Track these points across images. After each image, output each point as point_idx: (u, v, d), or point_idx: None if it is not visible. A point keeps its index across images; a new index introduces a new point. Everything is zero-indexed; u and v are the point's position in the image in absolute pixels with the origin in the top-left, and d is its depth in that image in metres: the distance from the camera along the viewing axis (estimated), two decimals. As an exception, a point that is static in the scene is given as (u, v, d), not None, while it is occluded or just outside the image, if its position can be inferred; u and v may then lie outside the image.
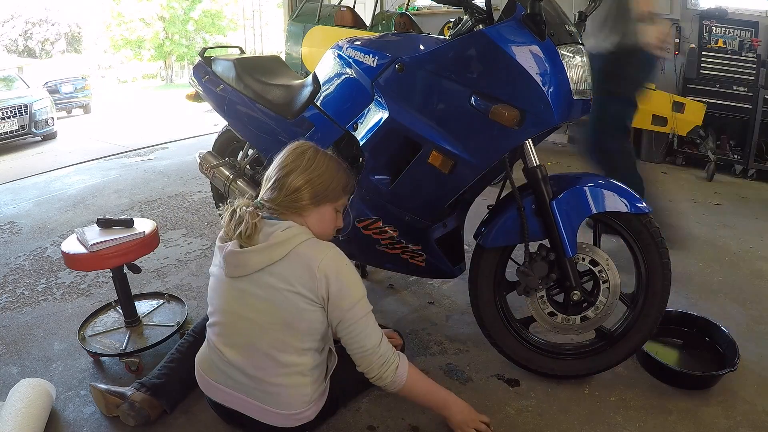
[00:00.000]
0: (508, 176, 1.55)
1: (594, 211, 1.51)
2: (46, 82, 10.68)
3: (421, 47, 1.54)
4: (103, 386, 1.49)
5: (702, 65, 4.39)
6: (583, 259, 1.56)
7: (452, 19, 1.68)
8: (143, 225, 1.83)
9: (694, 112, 3.91)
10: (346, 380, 1.43)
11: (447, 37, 1.54)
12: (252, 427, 1.34)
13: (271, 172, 1.31)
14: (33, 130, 6.70)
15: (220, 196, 2.58)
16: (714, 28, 4.44)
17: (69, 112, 11.26)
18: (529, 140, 1.47)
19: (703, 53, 4.39)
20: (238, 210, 1.24)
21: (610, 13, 2.35)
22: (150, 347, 1.76)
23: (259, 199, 1.31)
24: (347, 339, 1.27)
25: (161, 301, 2.05)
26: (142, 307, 1.99)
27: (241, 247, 1.22)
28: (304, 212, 1.29)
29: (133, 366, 1.69)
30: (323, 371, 1.35)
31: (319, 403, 1.34)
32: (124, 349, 1.73)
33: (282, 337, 1.23)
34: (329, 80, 1.82)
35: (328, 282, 1.20)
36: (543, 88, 1.35)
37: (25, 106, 6.62)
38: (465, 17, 1.51)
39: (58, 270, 2.53)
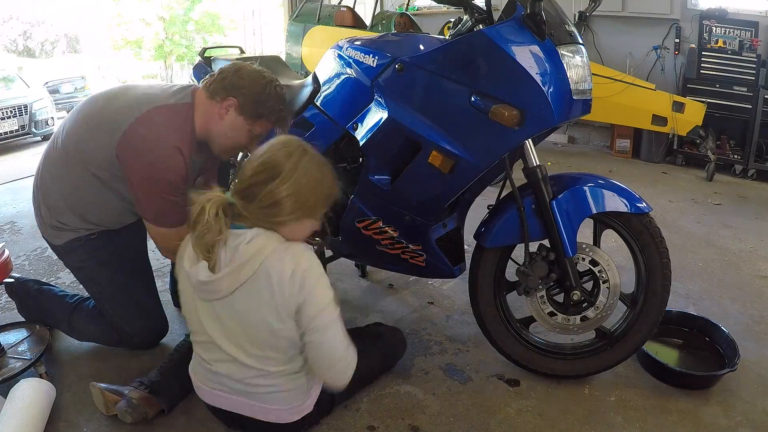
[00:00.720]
0: (508, 176, 1.55)
1: (594, 211, 1.51)
2: (46, 82, 10.65)
3: (421, 47, 1.54)
4: (102, 385, 1.49)
5: (702, 65, 4.39)
6: (583, 259, 1.56)
7: (452, 19, 1.68)
8: None
9: (694, 112, 3.91)
10: None
11: (447, 37, 1.54)
12: (254, 427, 1.34)
13: (247, 171, 1.16)
14: (33, 130, 6.69)
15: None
16: (714, 28, 4.44)
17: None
18: (529, 140, 1.48)
19: (703, 53, 4.39)
20: (206, 214, 1.12)
21: None
22: (5, 380, 1.59)
23: (230, 194, 1.17)
24: (315, 346, 1.18)
25: (30, 331, 1.83)
26: (11, 337, 1.80)
27: (210, 269, 1.14)
28: (279, 226, 1.17)
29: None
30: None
31: (316, 391, 1.34)
32: None
33: (266, 354, 1.21)
34: (329, 80, 1.82)
35: (296, 294, 1.13)
36: (543, 88, 1.35)
37: (25, 106, 6.60)
38: (465, 17, 1.51)
39: (58, 270, 2.53)
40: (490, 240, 1.58)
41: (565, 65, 1.38)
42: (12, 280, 1.82)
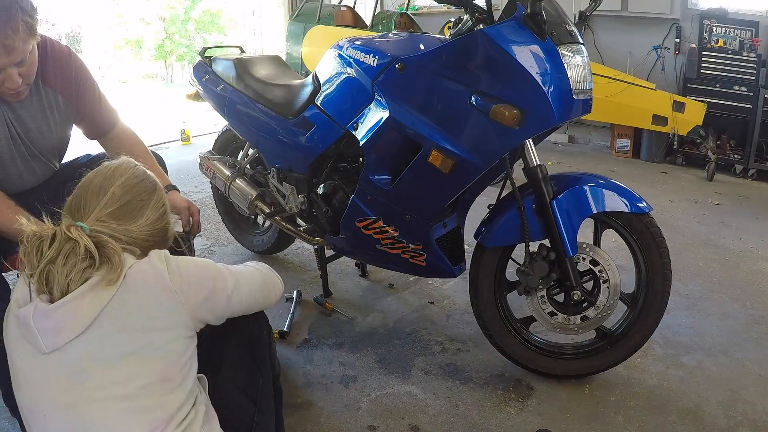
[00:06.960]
0: (509, 176, 1.55)
1: (594, 211, 1.51)
2: (46, 82, 10.64)
3: (422, 47, 1.54)
4: None
5: (702, 65, 4.38)
6: (584, 259, 1.56)
7: (452, 19, 1.68)
8: None
9: (695, 111, 3.90)
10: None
11: (447, 37, 1.54)
12: None
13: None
14: (33, 129, 6.69)
15: (221, 196, 2.57)
16: (714, 28, 4.44)
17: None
18: (530, 140, 1.48)
19: (704, 53, 4.39)
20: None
21: None
22: None
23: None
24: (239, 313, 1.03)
25: None
26: None
27: (51, 302, 0.82)
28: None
29: None
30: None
31: None
32: None
33: (159, 397, 0.85)
34: (329, 80, 1.82)
35: (178, 284, 0.89)
36: (543, 88, 1.35)
37: (25, 106, 6.61)
38: (465, 17, 1.51)
39: (58, 269, 2.52)
40: (490, 240, 1.58)
41: (565, 65, 1.38)
42: None
